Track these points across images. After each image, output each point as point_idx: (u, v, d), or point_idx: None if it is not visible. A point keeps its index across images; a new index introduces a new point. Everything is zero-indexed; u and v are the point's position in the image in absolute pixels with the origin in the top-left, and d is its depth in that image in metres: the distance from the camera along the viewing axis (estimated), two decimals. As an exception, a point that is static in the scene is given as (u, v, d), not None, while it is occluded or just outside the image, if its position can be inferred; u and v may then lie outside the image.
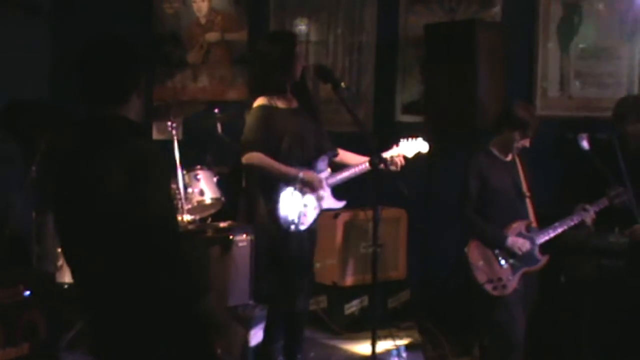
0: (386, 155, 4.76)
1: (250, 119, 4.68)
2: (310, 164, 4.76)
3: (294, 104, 4.79)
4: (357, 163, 4.87)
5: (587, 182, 4.89)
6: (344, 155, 4.99)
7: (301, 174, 4.62)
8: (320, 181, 4.69)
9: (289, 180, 4.61)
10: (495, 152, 4.80)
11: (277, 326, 4.88)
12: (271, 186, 4.63)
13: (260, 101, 4.68)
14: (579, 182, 5.17)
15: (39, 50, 6.20)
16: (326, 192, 4.80)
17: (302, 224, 4.66)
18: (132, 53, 2.73)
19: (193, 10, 6.98)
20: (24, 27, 6.03)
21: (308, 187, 4.65)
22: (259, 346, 4.95)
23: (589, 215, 4.70)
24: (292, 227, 4.63)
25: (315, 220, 4.76)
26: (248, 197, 4.85)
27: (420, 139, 5.03)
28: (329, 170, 4.85)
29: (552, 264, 4.81)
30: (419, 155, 5.01)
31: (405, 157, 4.89)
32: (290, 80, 4.71)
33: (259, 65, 4.82)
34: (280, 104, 4.70)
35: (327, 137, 4.95)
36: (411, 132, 6.12)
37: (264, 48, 4.79)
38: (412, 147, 4.99)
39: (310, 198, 4.70)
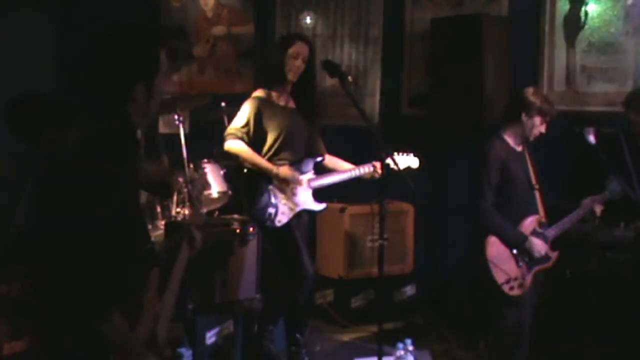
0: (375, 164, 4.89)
1: (243, 107, 4.88)
2: (295, 165, 4.87)
3: (290, 104, 4.94)
4: (345, 169, 5.00)
5: (593, 176, 4.88)
6: (334, 162, 5.10)
7: (276, 169, 4.75)
8: (295, 178, 4.80)
9: (265, 173, 4.76)
10: (510, 141, 4.72)
11: (266, 315, 5.04)
12: (250, 184, 4.83)
13: (257, 92, 4.89)
14: (585, 176, 5.16)
15: (44, 44, 6.21)
16: (307, 193, 4.91)
17: (280, 221, 4.79)
18: (133, 47, 2.54)
19: (199, 3, 6.99)
20: (29, 21, 6.03)
21: (284, 183, 4.78)
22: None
23: (595, 207, 4.71)
24: (268, 223, 4.79)
25: (296, 218, 4.88)
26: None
27: (412, 155, 5.09)
28: (312, 172, 4.98)
29: (558, 258, 4.81)
30: (408, 169, 5.02)
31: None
32: (281, 81, 4.86)
33: (258, 63, 5.24)
34: (277, 99, 4.89)
35: (320, 142, 5.07)
36: (417, 125, 6.16)
37: (270, 47, 5.21)
38: (401, 161, 5.02)
39: (293, 198, 4.84)
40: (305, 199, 4.87)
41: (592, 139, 4.72)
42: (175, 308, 2.71)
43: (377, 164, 4.82)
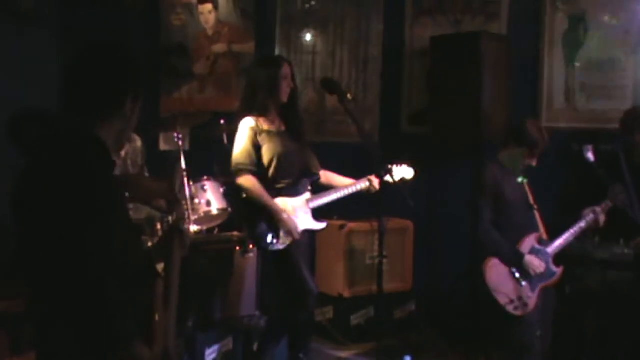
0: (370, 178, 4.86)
1: (240, 139, 4.80)
2: (292, 187, 4.83)
3: (280, 127, 4.89)
4: (342, 186, 4.97)
5: (592, 193, 4.89)
6: (330, 178, 5.07)
7: (284, 216, 4.71)
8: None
9: (271, 214, 4.71)
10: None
11: (271, 336, 4.97)
12: (249, 209, 4.79)
13: (247, 122, 4.81)
14: (583, 193, 5.17)
15: (45, 60, 6.22)
16: (307, 214, 4.87)
17: (282, 244, 4.74)
18: (121, 68, 2.45)
19: (200, 21, 7.01)
20: (30, 38, 6.04)
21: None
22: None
23: (599, 216, 4.70)
24: (269, 248, 4.75)
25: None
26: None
27: (405, 166, 5.06)
28: (309, 192, 4.93)
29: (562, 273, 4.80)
30: (402, 181, 5.00)
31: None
32: (274, 103, 4.81)
33: (246, 87, 5.02)
34: (265, 125, 4.82)
35: (314, 160, 5.01)
36: (416, 143, 6.17)
37: (252, 71, 5.03)
38: (397, 172, 5.00)
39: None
40: (304, 220, 4.86)
41: (590, 156, 4.73)
42: (176, 325, 2.67)
43: (373, 178, 4.83)
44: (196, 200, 5.11)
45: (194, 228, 5.04)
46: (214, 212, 5.18)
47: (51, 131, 2.46)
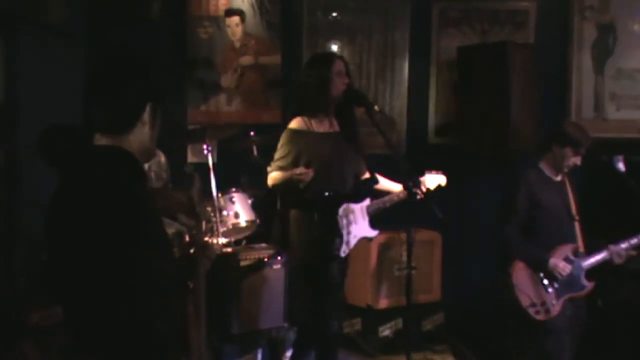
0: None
1: (280, 140, 4.66)
2: (336, 189, 4.63)
3: (333, 128, 4.70)
4: (394, 190, 4.79)
5: (621, 204, 4.84)
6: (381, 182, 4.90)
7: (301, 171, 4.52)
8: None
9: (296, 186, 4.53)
10: (546, 171, 4.71)
11: (308, 348, 4.86)
12: (315, 212, 4.54)
13: (294, 122, 4.65)
14: (613, 204, 5.12)
15: (73, 75, 6.26)
16: (365, 221, 4.72)
17: (344, 252, 4.58)
18: (137, 79, 2.44)
19: (227, 34, 7.04)
20: (58, 53, 6.09)
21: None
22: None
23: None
24: (335, 252, 4.56)
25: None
26: (282, 220, 4.82)
27: (440, 173, 4.94)
28: (368, 199, 4.76)
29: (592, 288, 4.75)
30: (439, 188, 4.90)
31: (427, 189, 4.82)
32: (326, 102, 4.62)
33: (297, 88, 4.87)
34: (316, 126, 4.64)
35: (363, 164, 4.83)
36: (444, 154, 6.16)
37: (304, 71, 4.82)
38: (430, 180, 4.88)
39: (353, 226, 4.63)
40: (362, 228, 4.70)
41: (621, 167, 4.69)
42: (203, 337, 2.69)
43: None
44: (224, 212, 5.12)
45: (222, 240, 5.04)
46: (242, 224, 5.20)
47: (82, 147, 2.47)
